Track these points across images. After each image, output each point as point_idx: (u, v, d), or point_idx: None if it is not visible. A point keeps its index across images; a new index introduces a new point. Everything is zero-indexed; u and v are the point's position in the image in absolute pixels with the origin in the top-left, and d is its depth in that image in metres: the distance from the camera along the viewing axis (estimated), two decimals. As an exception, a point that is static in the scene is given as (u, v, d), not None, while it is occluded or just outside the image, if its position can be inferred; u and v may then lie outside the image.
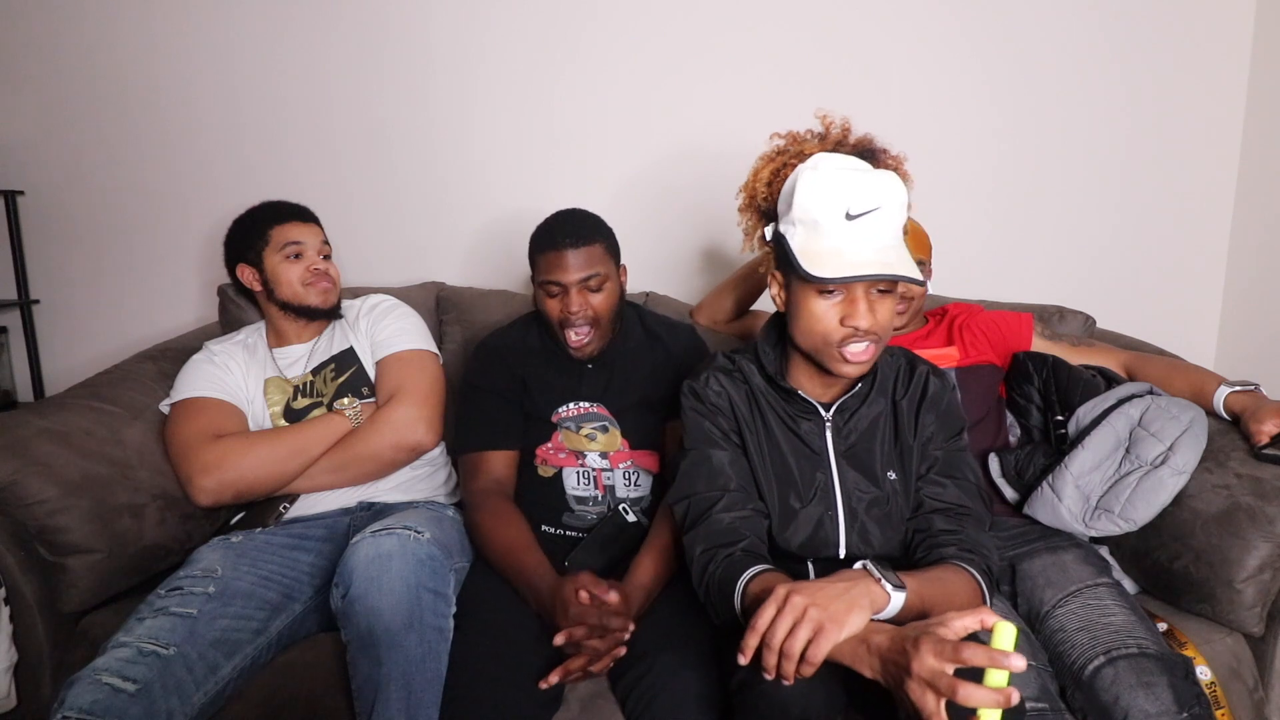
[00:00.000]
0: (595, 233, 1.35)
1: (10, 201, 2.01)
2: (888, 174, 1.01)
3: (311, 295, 1.50)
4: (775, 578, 0.98)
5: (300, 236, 1.51)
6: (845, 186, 0.99)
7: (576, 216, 1.37)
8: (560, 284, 1.32)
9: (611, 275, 1.36)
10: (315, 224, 1.56)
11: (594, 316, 1.34)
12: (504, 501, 1.34)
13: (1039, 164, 1.97)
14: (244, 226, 1.53)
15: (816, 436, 1.12)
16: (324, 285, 1.51)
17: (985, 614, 0.79)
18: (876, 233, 0.99)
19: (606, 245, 1.36)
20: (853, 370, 1.04)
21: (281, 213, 1.53)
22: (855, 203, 0.98)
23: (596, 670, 1.09)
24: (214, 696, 1.10)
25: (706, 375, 1.16)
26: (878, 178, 1.00)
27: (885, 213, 0.99)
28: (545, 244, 1.34)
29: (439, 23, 1.96)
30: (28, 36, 2.00)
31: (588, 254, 1.32)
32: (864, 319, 0.99)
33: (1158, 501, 1.26)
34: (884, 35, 1.92)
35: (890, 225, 1.00)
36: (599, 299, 1.34)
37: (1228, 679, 1.20)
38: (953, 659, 0.75)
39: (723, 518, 1.06)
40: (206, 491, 1.33)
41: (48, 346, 2.12)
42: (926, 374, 1.15)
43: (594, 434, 1.40)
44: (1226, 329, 2.02)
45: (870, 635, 0.85)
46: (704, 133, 1.97)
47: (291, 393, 1.48)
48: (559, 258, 1.31)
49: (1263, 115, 1.89)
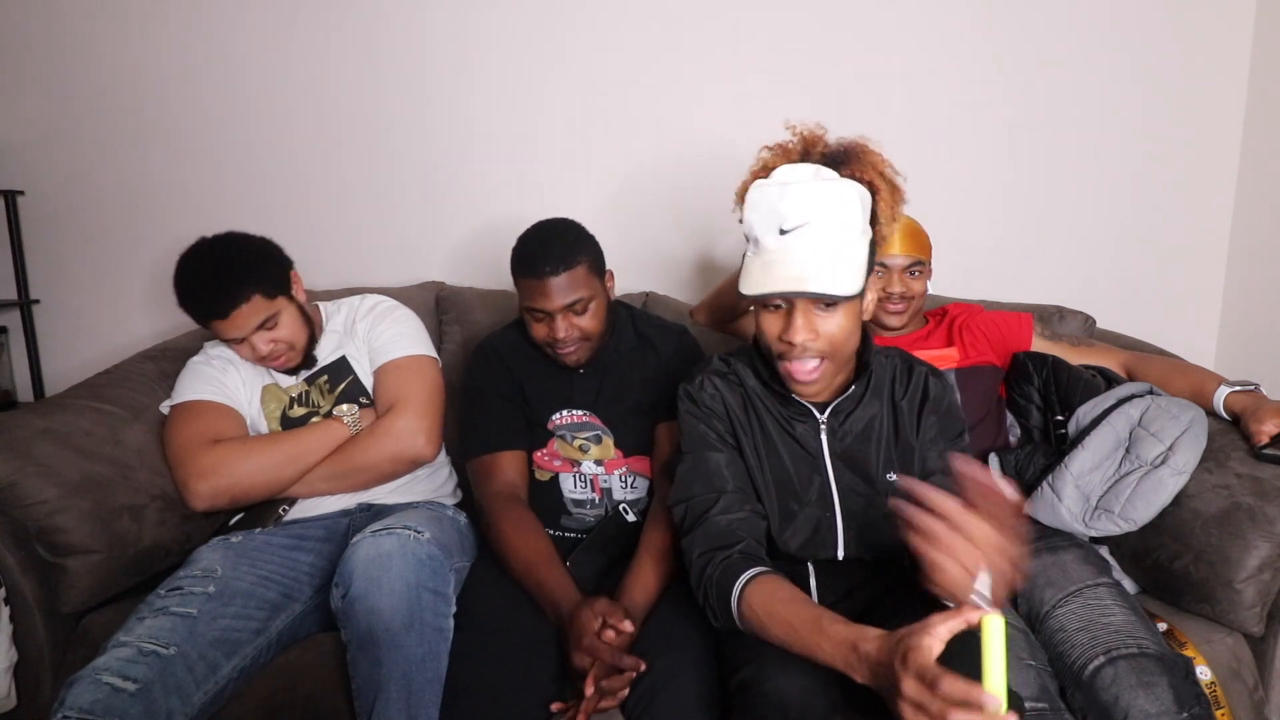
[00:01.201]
0: (576, 253, 1.29)
1: (10, 201, 2.01)
2: (827, 186, 1.00)
3: (275, 367, 1.43)
4: (776, 581, 0.98)
5: (228, 333, 1.34)
6: (778, 202, 0.99)
7: (555, 235, 1.31)
8: (544, 311, 1.30)
9: (597, 293, 1.33)
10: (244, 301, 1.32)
11: (581, 336, 1.33)
12: (523, 510, 1.32)
13: (1039, 165, 1.97)
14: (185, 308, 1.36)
15: (812, 438, 1.12)
16: (277, 363, 1.41)
17: (969, 613, 0.77)
18: (808, 247, 0.98)
19: (589, 264, 1.31)
20: (803, 389, 1.05)
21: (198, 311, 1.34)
22: (787, 218, 0.98)
23: (606, 707, 1.07)
24: (214, 696, 1.10)
25: (701, 378, 1.16)
26: (811, 191, 0.99)
27: (816, 226, 0.97)
28: (525, 270, 1.29)
29: (438, 25, 1.96)
30: (28, 37, 2.00)
31: (570, 279, 1.27)
32: (798, 333, 0.99)
33: (1158, 501, 1.26)
34: (884, 38, 1.92)
35: (826, 238, 0.98)
36: (586, 320, 1.32)
37: (1228, 679, 1.20)
38: (933, 687, 0.73)
39: (720, 520, 1.06)
40: (202, 496, 1.33)
41: (48, 346, 2.12)
42: (925, 375, 1.15)
43: (587, 445, 1.39)
44: (1226, 329, 2.02)
45: (860, 642, 0.84)
46: (704, 134, 1.97)
47: (287, 402, 1.47)
48: (540, 286, 1.27)
49: (1263, 115, 1.89)
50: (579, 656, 1.07)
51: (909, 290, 1.46)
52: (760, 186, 1.02)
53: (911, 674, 0.75)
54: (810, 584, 1.12)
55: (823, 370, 1.03)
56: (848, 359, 1.08)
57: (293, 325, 1.41)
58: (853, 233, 1.00)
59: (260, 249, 1.41)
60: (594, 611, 1.10)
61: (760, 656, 0.94)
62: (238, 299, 1.32)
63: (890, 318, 1.49)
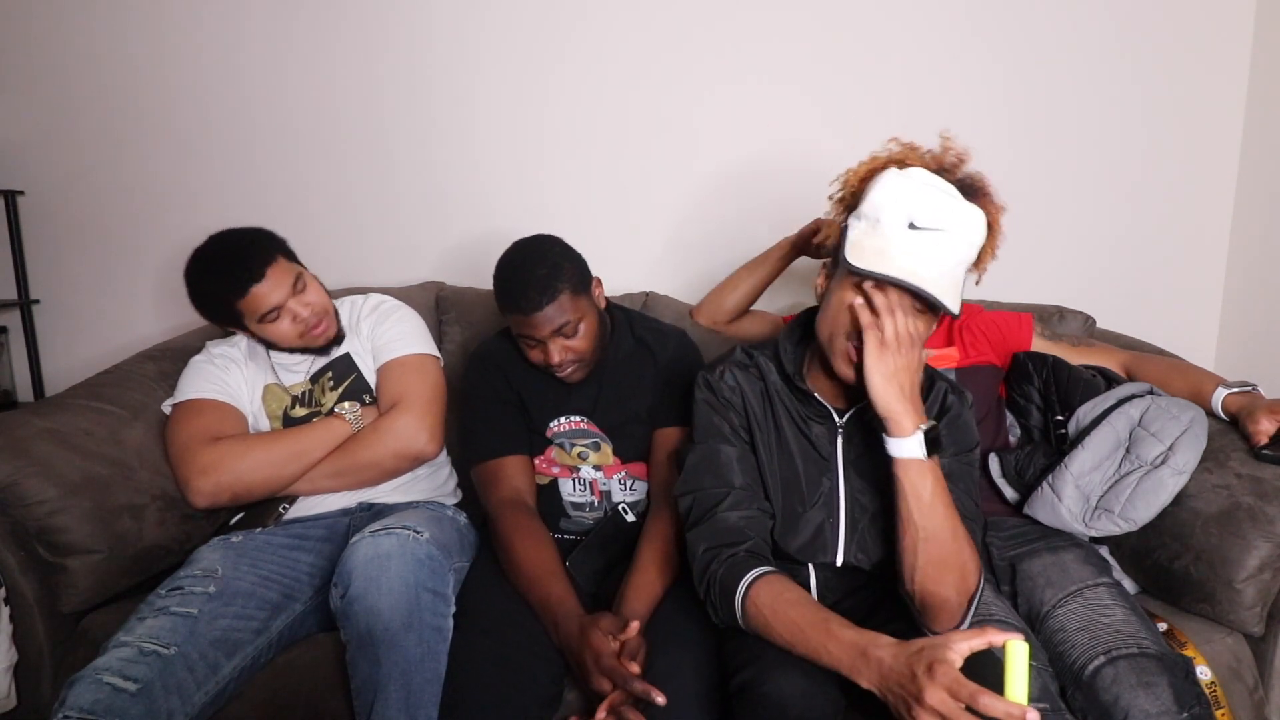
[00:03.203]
0: (555, 280, 1.25)
1: (10, 201, 2.01)
2: (973, 209, 1.00)
3: (315, 342, 1.43)
4: (783, 581, 0.97)
5: (268, 297, 1.35)
6: (919, 198, 0.98)
7: (533, 263, 1.27)
8: (534, 339, 1.29)
9: (585, 312, 1.30)
10: (273, 262, 1.36)
11: (575, 357, 1.31)
12: (529, 517, 1.30)
13: (1039, 165, 1.97)
14: (208, 303, 1.38)
15: (827, 442, 1.12)
16: (318, 330, 1.42)
17: (993, 634, 0.78)
18: (932, 251, 0.97)
19: (572, 288, 1.27)
20: (846, 371, 1.02)
21: (234, 284, 1.34)
22: (923, 216, 0.97)
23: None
24: (215, 696, 1.10)
25: (722, 369, 1.14)
26: (959, 205, 0.99)
27: (949, 236, 0.97)
28: (509, 305, 1.28)
29: (440, 25, 1.96)
30: (28, 36, 2.00)
31: (554, 309, 1.25)
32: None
33: (1158, 501, 1.26)
34: (885, 39, 1.92)
35: (951, 252, 0.98)
36: (577, 341, 1.30)
37: (1228, 679, 1.20)
38: (969, 701, 0.74)
39: (728, 516, 1.06)
40: (203, 494, 1.33)
41: (48, 346, 2.12)
42: (945, 391, 1.13)
43: (586, 452, 1.39)
44: (1226, 329, 2.02)
45: (870, 648, 0.84)
46: (705, 133, 1.97)
47: (289, 401, 1.47)
48: (525, 321, 1.27)
49: (1263, 115, 1.89)
50: (599, 680, 1.03)
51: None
52: (900, 174, 1.01)
53: (939, 685, 0.76)
54: (811, 586, 1.12)
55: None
56: None
57: (319, 293, 1.44)
58: (969, 257, 1.01)
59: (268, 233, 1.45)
60: (602, 630, 1.07)
61: (761, 658, 0.94)
62: (268, 260, 1.36)
63: None
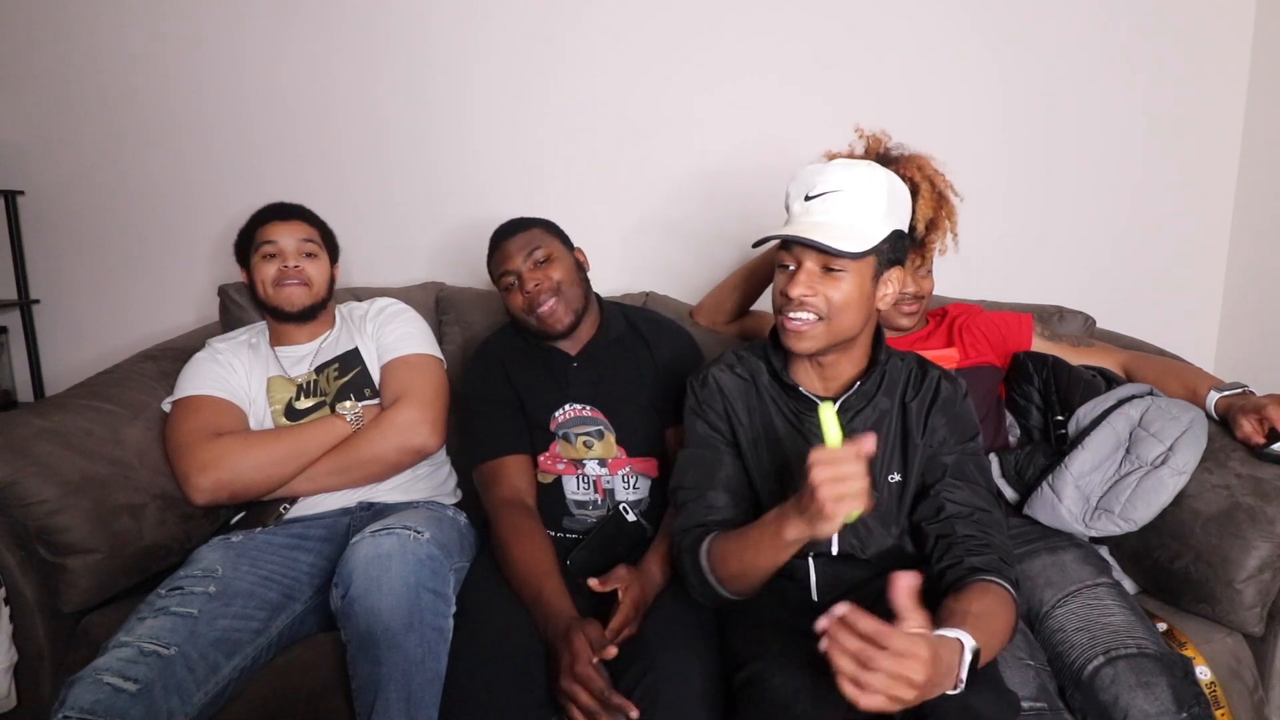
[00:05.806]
0: (532, 223, 1.44)
1: (10, 201, 2.01)
2: (859, 165, 1.06)
3: (279, 296, 1.47)
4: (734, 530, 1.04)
5: (275, 235, 1.48)
6: (812, 175, 1.06)
7: (515, 219, 1.46)
8: (511, 271, 1.39)
9: (558, 252, 1.42)
10: (298, 220, 1.52)
11: (553, 285, 1.38)
12: (527, 517, 1.31)
13: (1039, 165, 1.97)
14: (242, 229, 1.53)
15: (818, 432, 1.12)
16: (290, 287, 1.47)
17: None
18: (827, 211, 1.04)
19: (546, 228, 1.44)
20: (793, 342, 1.07)
21: (265, 213, 1.52)
22: (817, 185, 1.05)
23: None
24: (215, 696, 1.10)
25: (706, 373, 1.19)
26: (843, 166, 1.06)
27: (844, 195, 1.03)
28: (490, 249, 1.44)
29: (439, 25, 1.96)
30: (28, 36, 2.00)
31: (526, 238, 1.40)
32: (797, 288, 1.03)
33: (1158, 502, 1.26)
34: (885, 38, 1.92)
35: (849, 206, 1.03)
36: (552, 269, 1.39)
37: (1228, 679, 1.20)
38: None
39: (699, 504, 1.12)
40: (202, 490, 1.33)
41: (48, 346, 2.12)
42: (938, 378, 1.14)
43: (590, 441, 1.39)
44: (1226, 329, 2.02)
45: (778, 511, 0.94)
46: (705, 135, 1.97)
47: (294, 392, 1.48)
48: (501, 251, 1.41)
49: (1263, 115, 1.89)
50: (568, 683, 1.04)
51: (920, 289, 1.47)
52: (804, 166, 1.09)
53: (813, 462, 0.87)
54: (810, 580, 1.13)
55: (816, 330, 1.05)
56: (850, 342, 1.09)
57: (321, 272, 1.52)
58: (873, 210, 1.04)
59: None
60: (587, 635, 1.08)
61: (765, 654, 0.95)
62: (304, 216, 1.55)
63: (903, 319, 1.49)
